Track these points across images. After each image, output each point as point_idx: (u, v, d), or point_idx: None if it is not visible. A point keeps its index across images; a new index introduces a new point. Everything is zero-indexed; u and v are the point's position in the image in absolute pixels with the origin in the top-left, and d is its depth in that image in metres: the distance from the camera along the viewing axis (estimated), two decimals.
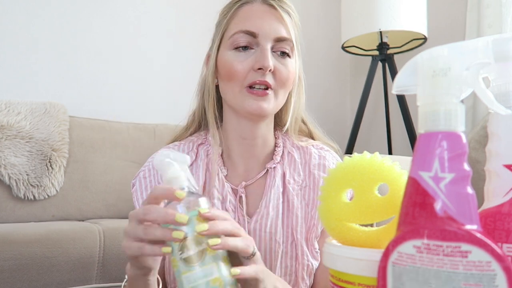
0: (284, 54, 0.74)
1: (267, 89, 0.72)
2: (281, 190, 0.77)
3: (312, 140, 0.84)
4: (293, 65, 0.75)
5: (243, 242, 0.53)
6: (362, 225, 0.43)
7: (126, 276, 0.63)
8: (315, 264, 0.75)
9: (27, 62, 1.95)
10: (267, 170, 0.79)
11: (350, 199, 0.44)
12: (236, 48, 0.73)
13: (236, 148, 0.79)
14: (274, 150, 0.81)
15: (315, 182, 0.77)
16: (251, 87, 0.72)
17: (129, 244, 0.52)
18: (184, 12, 2.27)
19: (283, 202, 0.76)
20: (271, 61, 0.71)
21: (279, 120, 0.83)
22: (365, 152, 0.44)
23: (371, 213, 0.42)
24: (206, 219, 0.50)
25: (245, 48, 0.73)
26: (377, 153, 0.44)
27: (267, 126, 0.79)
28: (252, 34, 0.72)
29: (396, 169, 0.42)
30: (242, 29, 0.73)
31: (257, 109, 0.72)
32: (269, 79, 0.72)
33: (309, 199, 0.77)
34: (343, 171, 0.43)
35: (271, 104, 0.73)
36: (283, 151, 0.81)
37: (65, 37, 2.03)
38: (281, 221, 0.75)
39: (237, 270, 0.51)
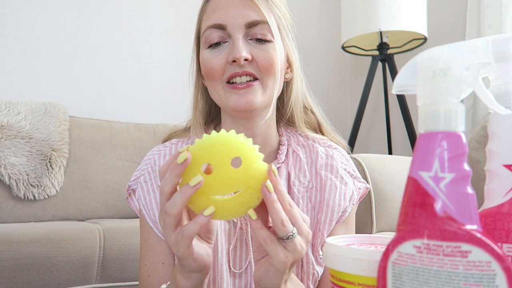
0: (261, 40, 0.67)
1: (252, 80, 0.67)
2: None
3: (318, 136, 0.78)
4: (275, 50, 0.67)
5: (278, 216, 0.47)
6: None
7: None
8: (320, 271, 0.71)
9: (27, 62, 1.95)
10: None
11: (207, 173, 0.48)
12: (210, 46, 0.69)
13: None
14: (278, 148, 0.75)
15: (322, 184, 0.72)
16: (231, 82, 0.67)
17: (171, 239, 0.48)
18: (184, 12, 2.27)
19: None
20: (243, 50, 0.65)
21: (283, 113, 0.78)
22: (222, 130, 0.48)
23: (227, 184, 0.47)
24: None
25: (218, 44, 0.68)
26: (232, 131, 0.48)
27: (266, 123, 0.72)
28: (221, 27, 0.67)
29: (248, 144, 0.48)
30: (210, 24, 0.68)
31: (242, 104, 0.66)
32: (249, 69, 0.66)
33: (316, 202, 0.71)
34: (202, 149, 0.47)
35: (258, 95, 0.66)
36: (287, 150, 0.75)
37: (65, 37, 2.04)
38: None
39: (252, 212, 0.48)
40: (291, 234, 0.47)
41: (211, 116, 0.79)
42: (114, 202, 1.78)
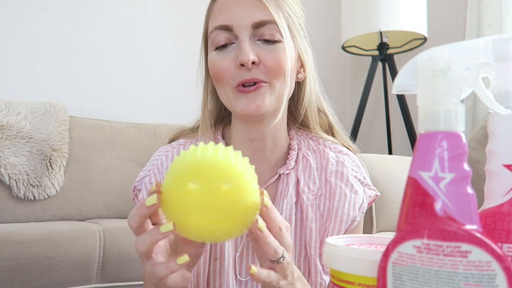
0: (269, 40, 0.65)
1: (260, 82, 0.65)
2: (294, 200, 0.70)
3: (330, 139, 0.76)
4: (285, 50, 0.65)
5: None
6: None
7: None
8: (328, 280, 0.69)
9: (27, 62, 1.95)
10: (279, 175, 0.72)
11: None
12: (217, 48, 0.67)
13: (245, 150, 0.69)
14: (288, 153, 0.73)
15: (331, 191, 0.70)
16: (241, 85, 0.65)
17: (146, 268, 0.47)
18: (184, 12, 2.27)
19: (296, 213, 0.70)
20: (250, 53, 0.63)
21: (296, 115, 0.75)
22: (210, 143, 0.45)
23: (212, 209, 0.44)
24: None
25: (225, 46, 0.66)
26: (230, 154, 0.45)
27: (276, 125, 0.70)
28: (227, 28, 0.65)
29: (241, 168, 0.45)
30: (216, 25, 0.66)
31: (251, 109, 0.64)
32: (257, 74, 0.64)
33: (324, 210, 0.70)
34: (192, 167, 0.44)
35: (266, 99, 0.64)
36: (297, 155, 0.73)
37: (65, 37, 2.04)
38: (294, 235, 0.69)
39: (254, 268, 0.47)
40: (282, 257, 0.49)
41: (221, 116, 0.78)
42: (114, 202, 1.78)
